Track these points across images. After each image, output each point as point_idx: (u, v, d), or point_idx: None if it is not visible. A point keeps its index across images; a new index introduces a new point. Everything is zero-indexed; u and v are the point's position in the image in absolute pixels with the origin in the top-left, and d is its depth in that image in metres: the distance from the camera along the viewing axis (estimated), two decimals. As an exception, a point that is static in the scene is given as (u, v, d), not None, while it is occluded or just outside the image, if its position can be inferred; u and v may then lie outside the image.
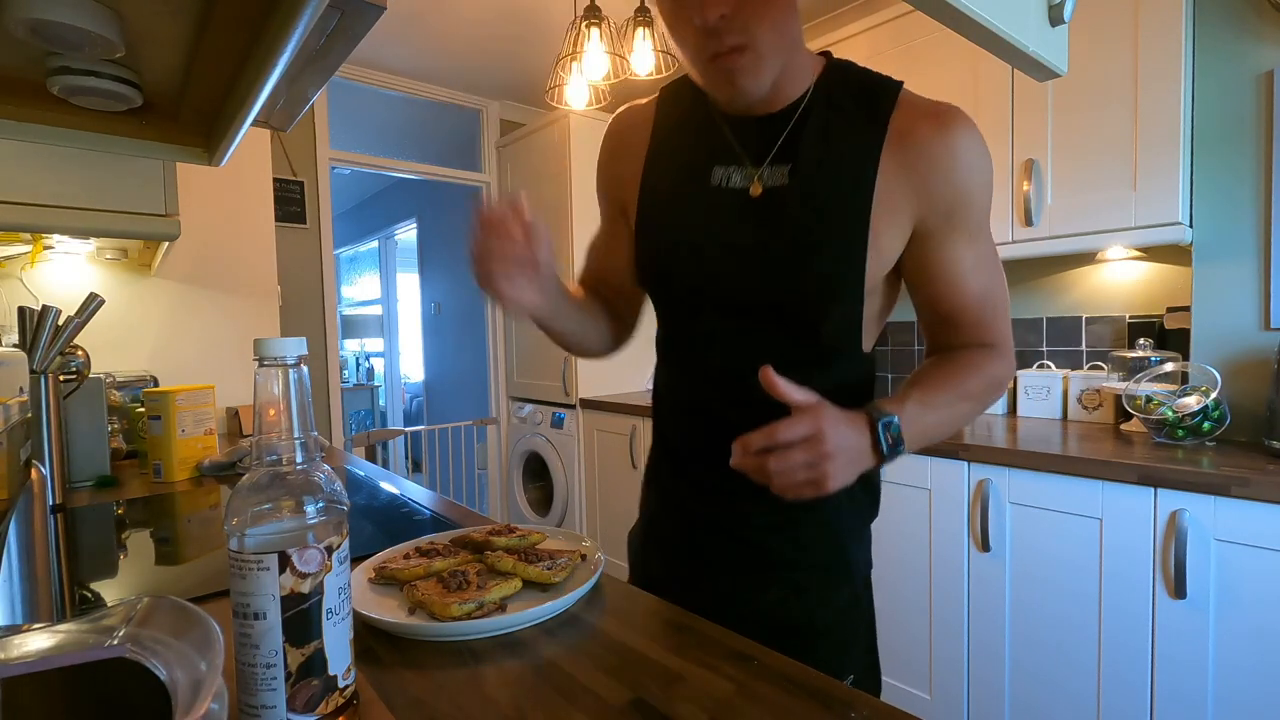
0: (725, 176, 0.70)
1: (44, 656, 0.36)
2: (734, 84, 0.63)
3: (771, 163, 0.68)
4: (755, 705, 0.48)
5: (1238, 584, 1.21)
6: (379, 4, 0.53)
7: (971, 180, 0.65)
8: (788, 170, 0.67)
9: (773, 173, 0.68)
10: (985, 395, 0.71)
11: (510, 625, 0.61)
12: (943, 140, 0.64)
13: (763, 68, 0.62)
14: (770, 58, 0.62)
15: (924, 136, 0.65)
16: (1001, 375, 0.72)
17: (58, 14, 0.48)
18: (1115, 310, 1.87)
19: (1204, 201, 1.52)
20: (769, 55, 0.62)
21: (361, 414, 5.97)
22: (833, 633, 0.74)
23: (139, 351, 1.88)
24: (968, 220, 0.67)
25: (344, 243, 6.41)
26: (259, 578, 0.41)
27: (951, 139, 0.64)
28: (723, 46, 0.61)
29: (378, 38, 2.64)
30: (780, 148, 0.68)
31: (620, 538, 2.70)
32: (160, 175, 1.22)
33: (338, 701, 0.44)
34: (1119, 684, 1.34)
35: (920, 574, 1.65)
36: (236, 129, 0.69)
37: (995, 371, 0.71)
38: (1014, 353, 0.74)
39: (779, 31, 0.62)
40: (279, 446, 0.43)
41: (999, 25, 0.50)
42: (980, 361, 0.71)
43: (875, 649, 0.80)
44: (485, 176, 3.39)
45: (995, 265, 0.71)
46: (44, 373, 1.09)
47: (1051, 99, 1.65)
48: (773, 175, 0.68)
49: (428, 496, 1.14)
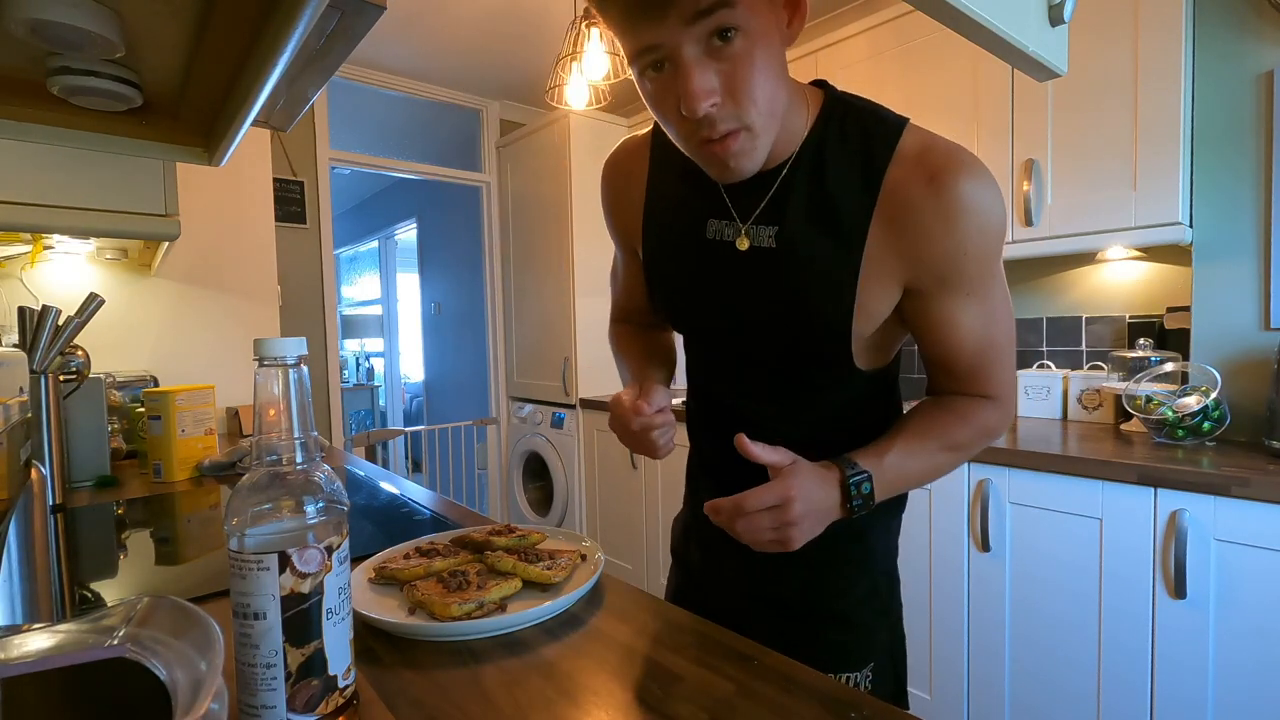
0: (719, 230, 0.70)
1: (44, 656, 0.36)
2: (729, 167, 0.60)
3: (757, 222, 0.67)
4: (755, 705, 0.48)
5: (1238, 584, 1.21)
6: (379, 4, 0.53)
7: (968, 242, 0.61)
8: (774, 233, 0.66)
9: (759, 232, 0.67)
10: (972, 445, 0.70)
11: (510, 625, 0.61)
12: (935, 203, 0.60)
13: (758, 146, 0.59)
14: (765, 135, 0.59)
15: (916, 197, 0.60)
16: (995, 425, 0.70)
17: (58, 14, 0.48)
18: (1115, 310, 1.87)
19: (1204, 201, 1.52)
20: (764, 134, 0.59)
21: (361, 414, 5.97)
22: (852, 621, 0.77)
23: (139, 351, 1.88)
24: (963, 280, 0.63)
25: (344, 243, 6.41)
26: (259, 578, 0.41)
27: (945, 201, 0.59)
28: (715, 134, 0.57)
29: (378, 38, 2.64)
30: (766, 207, 0.66)
31: (620, 538, 2.70)
32: (160, 175, 1.22)
33: (338, 701, 0.44)
34: (1119, 684, 1.34)
35: (920, 574, 1.65)
36: (236, 129, 0.69)
37: (988, 422, 0.70)
38: (1014, 400, 0.72)
39: (772, 106, 0.58)
40: (279, 446, 0.43)
41: (999, 25, 0.50)
42: (974, 412, 0.69)
43: (901, 639, 0.82)
44: (485, 176, 3.39)
45: (999, 317, 0.67)
46: (44, 373, 1.09)
47: (1051, 99, 1.65)
48: (759, 235, 0.67)
49: (428, 496, 1.14)
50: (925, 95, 1.89)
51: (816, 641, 0.76)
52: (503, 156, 3.32)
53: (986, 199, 0.60)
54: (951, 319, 0.65)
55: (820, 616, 0.77)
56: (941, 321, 0.65)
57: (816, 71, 2.16)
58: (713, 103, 0.55)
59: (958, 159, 0.60)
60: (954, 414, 0.69)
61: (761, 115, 0.57)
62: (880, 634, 0.79)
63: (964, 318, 0.65)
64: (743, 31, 0.53)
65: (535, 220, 3.09)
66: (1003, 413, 0.70)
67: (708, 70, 0.54)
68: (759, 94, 0.56)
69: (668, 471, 2.44)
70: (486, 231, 3.43)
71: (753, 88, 0.55)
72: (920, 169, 0.60)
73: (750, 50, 0.54)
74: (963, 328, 0.66)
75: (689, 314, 0.77)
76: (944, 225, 0.60)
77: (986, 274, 0.64)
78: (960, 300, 0.64)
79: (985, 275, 0.64)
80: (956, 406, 0.70)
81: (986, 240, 0.62)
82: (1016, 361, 2.00)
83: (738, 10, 0.52)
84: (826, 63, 2.13)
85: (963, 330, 0.66)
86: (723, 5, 0.51)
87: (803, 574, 0.77)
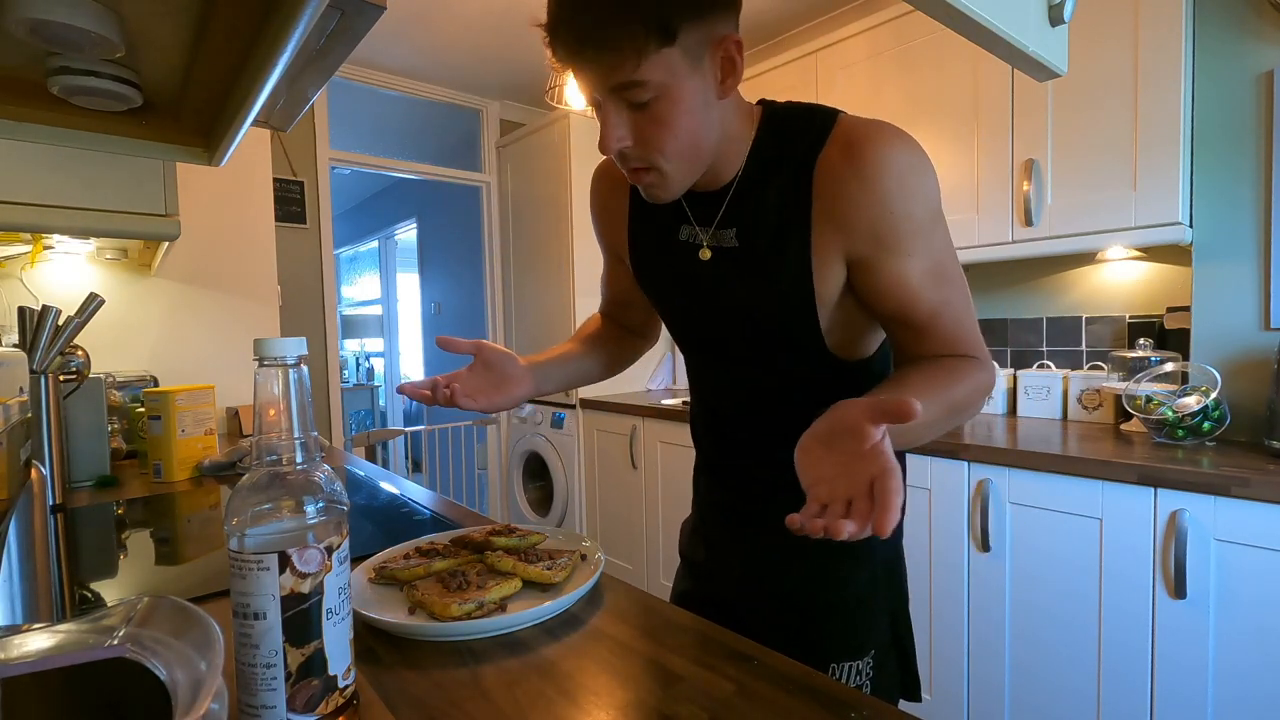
0: (691, 235, 0.75)
1: (44, 656, 0.36)
2: (648, 195, 0.69)
3: (719, 227, 0.73)
4: (755, 705, 0.48)
5: (1238, 584, 1.21)
6: (379, 4, 0.53)
7: (891, 200, 0.64)
8: (735, 233, 0.71)
9: (723, 235, 0.72)
10: (970, 404, 0.70)
11: (510, 625, 0.61)
12: (852, 170, 0.64)
13: (671, 185, 0.66)
14: (679, 176, 0.66)
15: (840, 173, 0.65)
16: (986, 384, 0.70)
17: (58, 14, 0.48)
18: (1115, 310, 1.87)
19: (1204, 201, 1.52)
20: (676, 173, 0.65)
21: (361, 414, 5.97)
22: (852, 612, 0.78)
23: (139, 351, 1.88)
24: (898, 239, 0.66)
25: (344, 243, 6.41)
26: (259, 578, 0.41)
27: (860, 167, 0.64)
28: (629, 167, 0.66)
29: (378, 38, 2.64)
30: (724, 216, 0.72)
31: (620, 538, 2.70)
32: (160, 175, 1.22)
33: (338, 701, 0.44)
34: (1119, 684, 1.34)
35: (920, 574, 1.65)
36: (236, 129, 0.69)
37: (980, 380, 0.70)
38: (991, 359, 0.72)
39: (685, 153, 0.64)
40: (279, 446, 0.43)
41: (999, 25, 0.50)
42: (965, 370, 0.69)
43: (907, 628, 0.83)
44: (485, 176, 3.39)
45: (949, 276, 0.69)
46: (44, 373, 1.09)
47: (1051, 99, 1.65)
48: (722, 238, 0.73)
49: (428, 496, 1.14)
50: (925, 95, 1.89)
51: (817, 631, 0.77)
52: (503, 156, 3.32)
53: (902, 159, 0.64)
54: (899, 280, 0.67)
55: (821, 607, 0.78)
56: (891, 285, 0.68)
57: (817, 71, 2.16)
58: (621, 146, 0.63)
59: (874, 130, 0.65)
60: (949, 372, 0.69)
61: (670, 161, 0.64)
62: (882, 623, 0.80)
63: (911, 278, 0.67)
64: (659, 97, 0.60)
65: (535, 220, 3.09)
66: (988, 372, 0.70)
67: (623, 120, 0.62)
68: (668, 146, 0.63)
69: (668, 472, 2.44)
70: (486, 231, 3.43)
71: (661, 142, 0.62)
72: (842, 148, 0.65)
73: (666, 111, 0.61)
74: (912, 287, 0.67)
75: (672, 319, 0.83)
76: (864, 189, 0.64)
77: (921, 232, 0.66)
78: (902, 260, 0.67)
79: (920, 234, 0.66)
80: (949, 366, 0.69)
81: (909, 196, 0.64)
82: (1020, 362, 2.02)
83: (649, 85, 0.59)
84: (826, 63, 2.13)
85: (912, 289, 0.68)
86: (634, 85, 0.59)
87: (804, 566, 0.79)
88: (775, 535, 0.79)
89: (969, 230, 1.82)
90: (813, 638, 0.77)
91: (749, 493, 0.83)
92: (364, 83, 2.97)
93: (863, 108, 2.04)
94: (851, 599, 0.78)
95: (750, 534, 0.84)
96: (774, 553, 0.81)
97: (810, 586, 0.79)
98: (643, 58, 0.58)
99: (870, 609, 0.79)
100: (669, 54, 0.58)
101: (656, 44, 0.57)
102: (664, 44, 0.58)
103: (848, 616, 0.78)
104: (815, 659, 0.72)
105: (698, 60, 0.61)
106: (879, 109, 2.00)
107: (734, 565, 0.85)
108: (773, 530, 0.80)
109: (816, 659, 0.73)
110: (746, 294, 0.72)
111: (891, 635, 0.81)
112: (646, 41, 0.57)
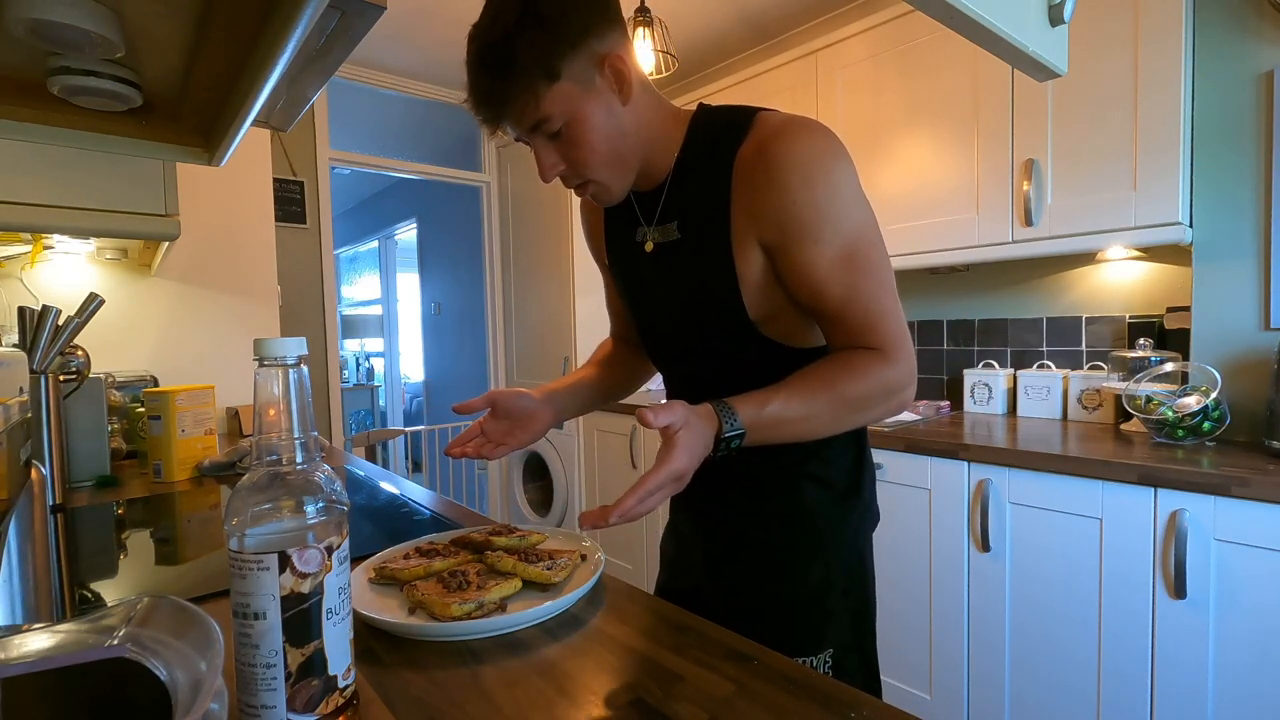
0: (642, 234, 0.82)
1: (44, 656, 0.36)
2: (598, 202, 0.78)
3: (661, 221, 0.80)
4: (755, 705, 0.48)
5: (1238, 584, 1.21)
6: (379, 4, 0.53)
7: (795, 190, 0.68)
8: (676, 225, 0.78)
9: (666, 229, 0.79)
10: (871, 399, 0.70)
11: (510, 625, 0.61)
12: (762, 162, 0.69)
13: (613, 189, 0.75)
14: (616, 181, 0.74)
15: (751, 165, 0.70)
16: (891, 380, 0.71)
17: (58, 14, 0.48)
18: (1115, 310, 1.87)
19: (1204, 201, 1.52)
20: (612, 179, 0.74)
21: (361, 414, 5.97)
22: (806, 608, 0.80)
23: (139, 351, 1.88)
24: (804, 228, 0.68)
25: (344, 243, 6.41)
26: (259, 578, 0.41)
27: (767, 159, 0.69)
28: (571, 186, 0.76)
29: (378, 38, 2.64)
30: (662, 211, 0.79)
31: (620, 538, 2.70)
32: (160, 175, 1.22)
33: (338, 701, 0.44)
34: (1119, 684, 1.34)
35: (920, 574, 1.65)
36: (236, 129, 0.69)
37: (883, 376, 0.70)
38: (909, 357, 0.72)
39: (611, 160, 0.72)
40: (279, 446, 0.43)
41: (999, 25, 0.50)
42: (864, 365, 0.70)
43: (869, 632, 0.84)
44: (485, 176, 3.39)
45: (861, 265, 0.70)
46: (44, 373, 1.09)
47: (1051, 99, 1.65)
48: (666, 231, 0.79)
49: (428, 496, 1.14)
50: (925, 95, 1.89)
51: (770, 625, 0.78)
52: (503, 156, 3.32)
53: (805, 149, 0.68)
54: (806, 267, 0.70)
55: (770, 600, 0.81)
56: (799, 270, 0.71)
57: (817, 71, 2.16)
58: (555, 173, 0.73)
59: (785, 124, 0.70)
60: (843, 366, 0.71)
61: (600, 171, 0.72)
62: (842, 622, 0.81)
63: (819, 266, 0.70)
64: (568, 123, 0.69)
65: (535, 220, 3.09)
66: (893, 365, 0.71)
67: (549, 150, 0.72)
68: (591, 160, 0.71)
69: (668, 471, 2.44)
70: (486, 231, 3.43)
71: (584, 158, 0.71)
72: (755, 142, 0.71)
73: (578, 133, 0.69)
74: (819, 274, 0.70)
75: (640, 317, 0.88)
76: (769, 178, 0.69)
77: (827, 220, 0.69)
78: (810, 248, 0.69)
79: (826, 221, 0.69)
80: (846, 359, 0.71)
81: (812, 185, 0.68)
82: (1020, 362, 2.02)
83: (555, 118, 0.68)
84: (826, 63, 2.13)
85: (820, 276, 0.70)
86: (542, 121, 0.68)
87: (751, 556, 0.83)
88: (728, 527, 0.85)
89: (969, 230, 1.82)
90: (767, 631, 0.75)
91: (709, 484, 0.84)
92: (364, 83, 2.97)
93: (862, 107, 2.04)
94: (804, 593, 0.80)
95: (709, 527, 0.88)
96: (727, 544, 0.85)
97: (758, 578, 0.82)
98: (540, 99, 0.66)
99: (826, 606, 0.80)
100: (560, 88, 0.67)
101: (546, 84, 0.66)
102: (552, 82, 0.66)
103: (800, 610, 0.80)
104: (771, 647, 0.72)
105: (589, 83, 0.68)
106: (879, 109, 2.00)
107: (697, 557, 0.89)
108: (725, 523, 0.86)
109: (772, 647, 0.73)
110: (681, 281, 0.78)
111: (854, 637, 0.82)
112: (537, 85, 0.66)
